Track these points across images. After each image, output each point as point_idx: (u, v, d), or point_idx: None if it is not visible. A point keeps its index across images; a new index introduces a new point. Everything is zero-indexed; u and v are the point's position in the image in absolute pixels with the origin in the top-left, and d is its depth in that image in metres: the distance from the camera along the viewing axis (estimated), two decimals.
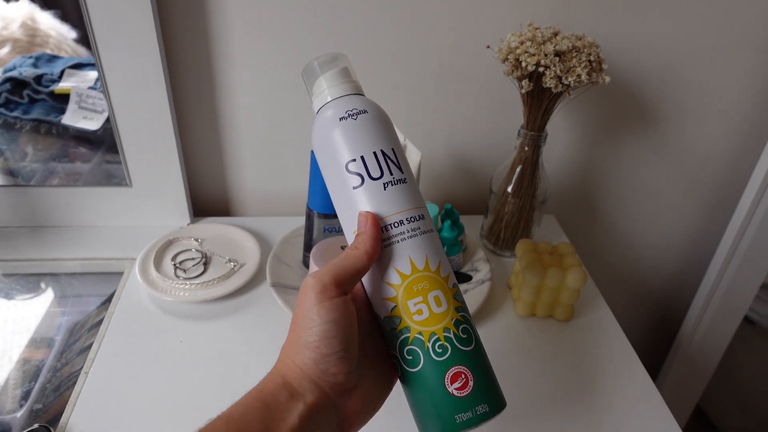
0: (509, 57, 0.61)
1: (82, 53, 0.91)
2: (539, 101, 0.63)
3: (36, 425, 0.51)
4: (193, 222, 0.78)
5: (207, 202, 0.82)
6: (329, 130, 0.35)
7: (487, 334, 0.63)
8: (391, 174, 0.34)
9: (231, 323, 0.62)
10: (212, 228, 0.75)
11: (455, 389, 0.32)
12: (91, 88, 0.83)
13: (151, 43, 0.64)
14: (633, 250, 0.93)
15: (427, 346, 0.33)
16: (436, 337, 0.33)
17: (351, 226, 0.35)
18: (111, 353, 0.58)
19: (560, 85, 0.59)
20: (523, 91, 0.62)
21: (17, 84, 0.84)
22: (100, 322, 0.63)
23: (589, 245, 0.91)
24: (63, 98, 0.84)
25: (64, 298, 0.71)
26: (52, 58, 0.89)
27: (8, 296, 0.71)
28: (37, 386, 0.59)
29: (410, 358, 0.33)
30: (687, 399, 1.02)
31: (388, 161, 0.35)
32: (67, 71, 0.87)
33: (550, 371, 0.59)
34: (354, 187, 0.34)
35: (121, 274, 0.69)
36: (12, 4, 0.89)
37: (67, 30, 0.91)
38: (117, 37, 0.64)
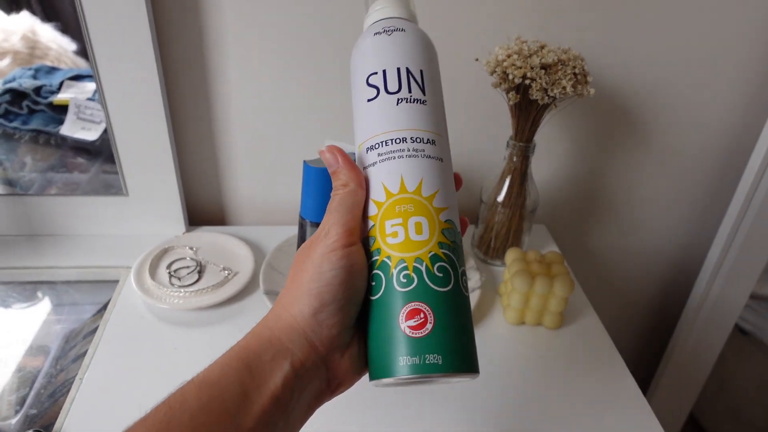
0: (497, 69, 0.62)
1: (81, 65, 0.92)
2: (527, 113, 0.65)
3: (31, 431, 0.52)
4: (188, 231, 0.79)
5: (202, 211, 0.84)
6: (362, 43, 0.35)
7: (478, 341, 0.63)
8: (410, 92, 0.32)
9: (225, 330, 0.63)
10: (207, 237, 0.76)
11: (409, 327, 0.29)
12: (89, 99, 0.85)
13: (148, 55, 0.66)
14: (623, 259, 0.94)
15: (392, 273, 0.30)
16: (404, 265, 0.30)
17: (359, 140, 0.34)
18: (105, 360, 0.59)
19: (546, 97, 0.61)
20: (511, 102, 0.63)
21: (17, 95, 0.85)
22: (95, 330, 0.64)
23: (580, 254, 0.92)
24: (62, 109, 0.85)
25: (60, 306, 0.72)
26: (52, 70, 0.91)
27: (5, 304, 0.72)
28: (33, 392, 0.59)
29: (374, 283, 0.30)
30: (679, 407, 1.03)
31: (411, 79, 0.32)
32: (66, 82, 0.88)
33: (539, 378, 0.60)
34: (368, 100, 0.33)
35: (116, 282, 0.70)
36: (13, 17, 0.91)
37: (67, 42, 0.93)
38: (114, 48, 0.65)
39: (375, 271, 0.30)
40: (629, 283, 0.97)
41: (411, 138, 0.31)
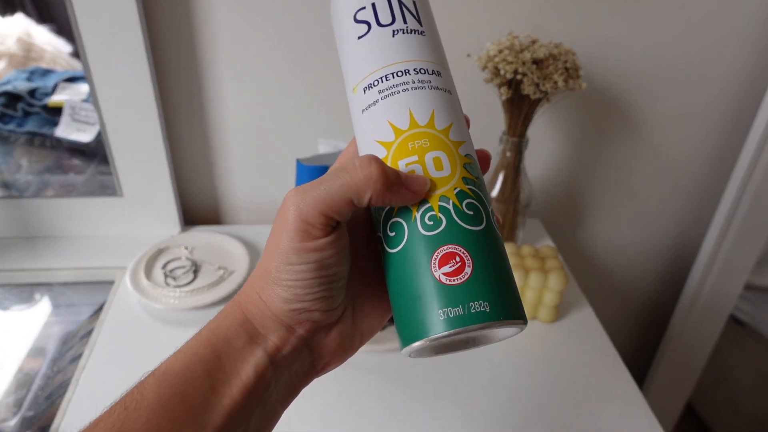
0: (488, 65, 0.62)
1: (77, 67, 0.92)
2: (519, 108, 0.65)
3: None
4: (183, 231, 0.79)
5: (197, 211, 0.84)
6: None
7: None
8: (405, 22, 0.29)
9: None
10: (202, 236, 0.77)
11: (444, 274, 0.25)
12: (84, 100, 0.85)
13: (140, 56, 0.66)
14: (617, 252, 0.94)
15: (415, 217, 0.26)
16: (428, 205, 0.26)
17: (352, 83, 0.30)
18: (102, 360, 0.59)
19: (538, 92, 0.61)
20: (503, 98, 0.63)
21: (12, 98, 0.86)
22: (92, 331, 0.64)
23: (575, 248, 0.93)
24: (56, 111, 0.85)
25: (57, 308, 0.73)
26: (46, 72, 0.91)
27: (2, 306, 0.72)
28: (30, 394, 0.60)
29: (392, 234, 0.26)
30: (675, 400, 1.03)
31: (404, 10, 0.29)
32: (61, 84, 0.88)
33: (534, 372, 0.60)
34: (358, 38, 0.29)
35: (112, 282, 0.70)
36: (8, 19, 0.91)
37: (62, 44, 0.93)
38: (107, 50, 0.65)
39: (393, 220, 0.26)
40: (624, 276, 0.98)
41: (414, 69, 0.28)
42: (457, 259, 0.25)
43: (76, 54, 0.90)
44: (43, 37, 0.92)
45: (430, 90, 0.28)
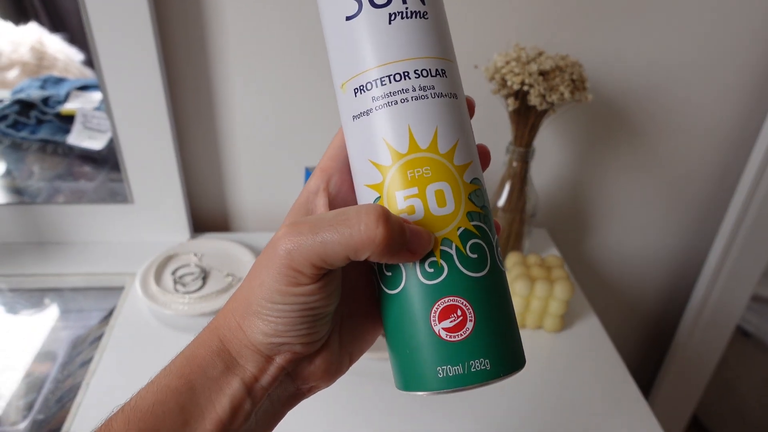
0: (495, 76, 0.63)
1: (88, 75, 0.94)
2: (526, 118, 0.66)
3: None
4: (192, 237, 0.80)
5: (206, 218, 0.85)
6: None
7: None
8: (405, 3, 0.24)
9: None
10: (211, 243, 0.77)
11: (444, 329, 0.23)
12: (96, 109, 0.87)
13: (153, 65, 0.67)
14: (623, 262, 0.95)
15: (414, 262, 0.23)
16: (428, 250, 0.23)
17: (340, 77, 0.25)
18: (111, 365, 0.60)
19: (545, 103, 0.61)
20: (510, 108, 0.64)
21: (25, 106, 0.87)
22: (101, 336, 0.65)
23: (580, 258, 0.93)
24: (69, 119, 0.87)
25: (67, 313, 0.73)
26: (59, 81, 0.92)
27: (13, 311, 0.73)
28: (40, 398, 0.60)
29: (389, 274, 0.24)
30: (681, 410, 1.03)
31: None
32: (73, 93, 0.90)
33: (539, 382, 0.60)
34: (347, 18, 0.24)
35: (122, 288, 0.71)
36: (22, 28, 0.92)
37: (74, 53, 0.95)
38: (120, 59, 0.66)
39: None
40: (630, 286, 0.98)
41: (416, 71, 0.24)
42: (459, 312, 0.23)
43: (88, 62, 0.91)
44: (56, 45, 0.94)
45: (434, 99, 0.24)
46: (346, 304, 0.26)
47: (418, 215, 0.23)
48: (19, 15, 0.92)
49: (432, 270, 0.23)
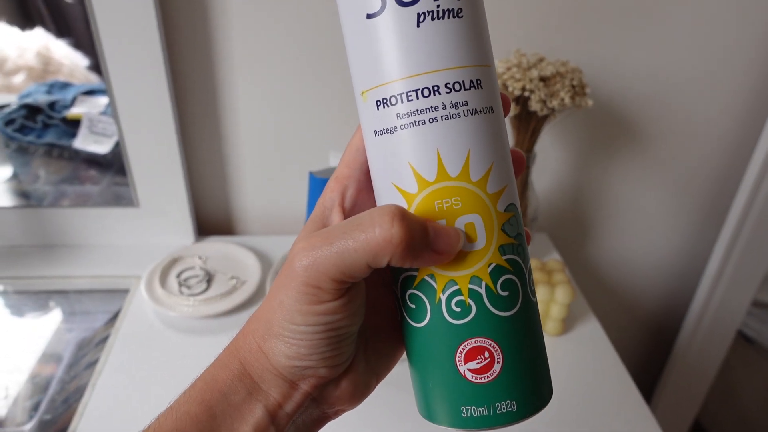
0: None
1: (93, 80, 0.95)
2: (527, 124, 0.66)
3: None
4: (197, 241, 0.81)
5: (211, 221, 0.86)
6: None
7: None
8: (436, 0, 0.21)
9: (233, 338, 0.64)
10: (216, 246, 0.78)
11: (470, 371, 0.22)
12: (101, 113, 0.88)
13: (159, 70, 0.68)
14: (624, 267, 0.95)
15: (439, 299, 0.22)
16: (456, 288, 0.22)
17: (360, 84, 0.23)
18: (117, 367, 0.60)
19: (545, 109, 0.62)
20: (511, 114, 0.65)
21: (32, 110, 0.88)
22: (107, 338, 0.65)
23: (582, 262, 0.93)
24: (75, 123, 0.88)
25: (72, 315, 0.74)
26: (65, 85, 0.93)
27: (20, 313, 0.74)
28: (47, 399, 0.61)
29: (413, 307, 0.23)
30: (683, 416, 1.03)
31: None
32: (79, 97, 0.91)
33: None
34: (368, 15, 0.21)
35: (127, 291, 0.72)
36: (28, 33, 0.94)
37: (79, 58, 0.96)
38: (127, 64, 0.67)
39: (412, 291, 0.23)
40: (631, 290, 0.98)
41: (447, 85, 0.21)
42: (486, 354, 0.22)
43: (93, 67, 0.93)
44: (61, 51, 0.95)
45: (467, 118, 0.21)
46: (369, 319, 0.25)
47: None
48: (26, 21, 0.93)
49: (459, 309, 0.22)
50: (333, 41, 0.71)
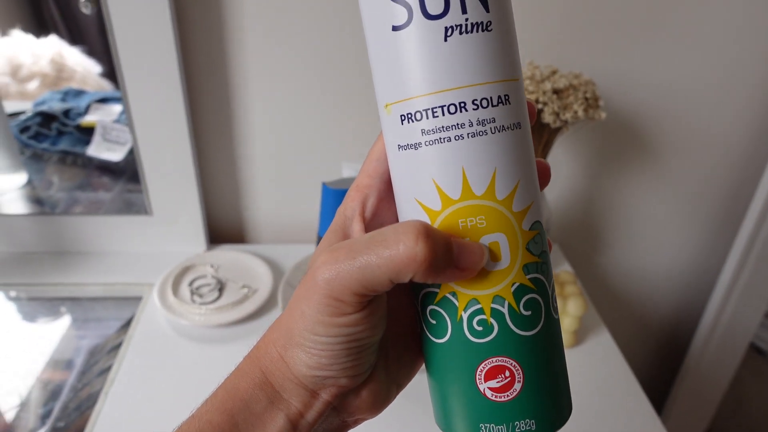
0: None
1: (105, 87, 0.96)
2: (539, 135, 0.66)
3: None
4: (209, 249, 0.81)
5: (223, 229, 0.86)
6: None
7: None
8: (464, 11, 0.20)
9: (244, 347, 0.64)
10: (227, 255, 0.79)
11: (491, 388, 0.22)
12: (115, 121, 0.88)
13: (174, 79, 0.68)
14: (636, 278, 0.95)
15: (461, 317, 0.22)
16: (478, 307, 0.21)
17: (384, 97, 0.22)
18: (130, 374, 0.61)
19: (558, 121, 0.62)
20: None
21: (47, 118, 0.89)
22: (119, 345, 0.66)
23: (593, 273, 0.93)
24: (88, 131, 0.89)
25: (85, 322, 0.75)
26: (79, 93, 0.94)
27: (33, 319, 0.75)
28: (59, 405, 0.61)
29: (434, 322, 0.23)
30: (695, 427, 1.02)
31: None
32: (93, 105, 0.92)
33: None
34: (394, 28, 0.21)
35: (140, 298, 0.72)
36: (42, 41, 0.95)
37: (92, 65, 0.97)
38: (142, 72, 0.68)
39: (433, 308, 0.23)
40: (642, 302, 0.98)
41: (474, 102, 0.20)
42: (507, 374, 0.22)
43: (105, 74, 0.93)
44: (75, 58, 0.96)
45: (494, 135, 0.21)
46: (390, 328, 0.25)
47: None
48: (40, 28, 0.94)
49: (481, 328, 0.21)
50: (346, 52, 0.72)
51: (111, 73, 0.70)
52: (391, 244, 0.20)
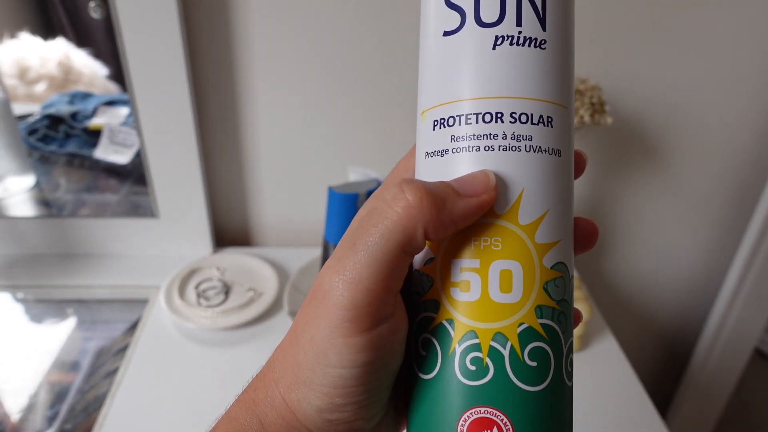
0: None
1: (112, 89, 0.97)
2: None
3: None
4: (215, 252, 0.81)
5: (229, 232, 0.86)
6: None
7: None
8: (519, 24, 0.19)
9: (249, 350, 0.65)
10: (233, 258, 0.79)
11: None
12: (122, 124, 0.89)
13: (181, 82, 0.69)
14: (640, 283, 0.95)
15: (454, 349, 0.19)
16: (475, 342, 0.19)
17: (423, 103, 0.21)
18: (136, 377, 0.61)
19: None
20: None
21: (54, 120, 0.90)
22: (125, 347, 0.66)
23: (597, 278, 0.93)
24: (96, 133, 0.89)
25: (92, 324, 0.75)
26: (87, 96, 0.95)
27: (40, 321, 0.75)
28: (66, 407, 0.62)
29: (423, 354, 0.20)
30: (700, 431, 1.02)
31: (522, 2, 0.19)
32: (101, 108, 0.92)
33: None
34: (445, 33, 0.20)
35: (146, 301, 0.73)
36: (50, 43, 0.95)
37: (99, 67, 0.97)
38: (150, 75, 0.68)
39: (426, 336, 0.20)
40: (647, 306, 0.98)
41: (512, 114, 0.19)
42: (494, 431, 0.18)
43: (112, 77, 0.94)
44: (82, 60, 0.97)
45: (527, 154, 0.19)
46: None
47: (473, 295, 0.19)
48: (47, 31, 0.95)
49: (474, 368, 0.19)
50: (353, 58, 0.72)
51: (118, 75, 0.70)
52: (384, 211, 0.18)
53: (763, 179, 0.82)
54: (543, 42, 0.19)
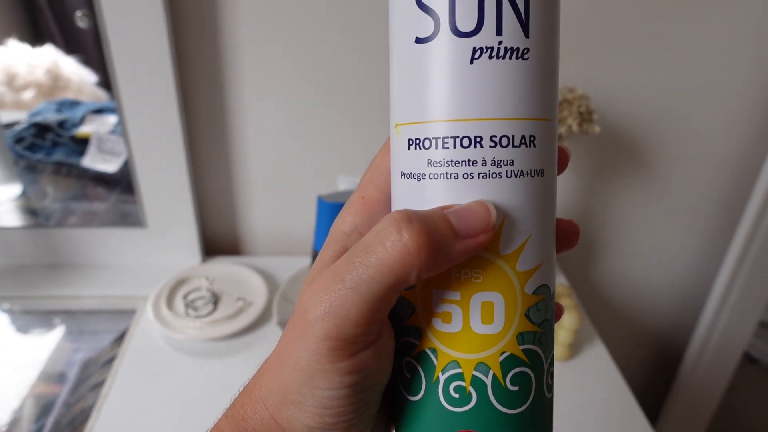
0: None
1: (101, 96, 0.96)
2: None
3: None
4: (204, 261, 0.81)
5: (218, 241, 0.86)
6: None
7: None
8: (499, 34, 0.17)
9: (238, 361, 0.64)
10: (222, 267, 0.78)
11: None
12: (110, 132, 0.88)
13: (169, 90, 0.68)
14: (630, 289, 0.95)
15: (437, 377, 0.19)
16: (458, 371, 0.19)
17: (396, 115, 0.20)
18: (123, 389, 0.60)
19: None
20: None
21: (42, 128, 0.89)
22: (113, 359, 0.65)
23: (587, 286, 0.93)
24: (83, 142, 0.89)
25: (79, 335, 0.74)
26: (75, 104, 0.94)
27: (26, 332, 0.74)
28: (52, 420, 0.61)
29: (408, 377, 0.20)
30: None
31: (502, 7, 0.17)
32: (89, 116, 0.92)
33: None
34: (418, 40, 0.18)
35: (134, 311, 0.72)
36: (38, 50, 0.95)
37: (87, 74, 0.97)
38: (138, 84, 0.68)
39: (409, 360, 0.20)
40: (636, 313, 0.98)
41: (492, 138, 0.18)
42: None
43: (101, 84, 0.93)
44: (70, 67, 0.96)
45: (509, 180, 0.18)
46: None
47: (454, 326, 0.19)
48: (36, 37, 0.94)
49: (457, 396, 0.19)
50: (342, 65, 0.72)
51: (107, 82, 0.70)
52: (375, 246, 0.17)
53: (751, 184, 0.82)
54: (526, 51, 0.18)
